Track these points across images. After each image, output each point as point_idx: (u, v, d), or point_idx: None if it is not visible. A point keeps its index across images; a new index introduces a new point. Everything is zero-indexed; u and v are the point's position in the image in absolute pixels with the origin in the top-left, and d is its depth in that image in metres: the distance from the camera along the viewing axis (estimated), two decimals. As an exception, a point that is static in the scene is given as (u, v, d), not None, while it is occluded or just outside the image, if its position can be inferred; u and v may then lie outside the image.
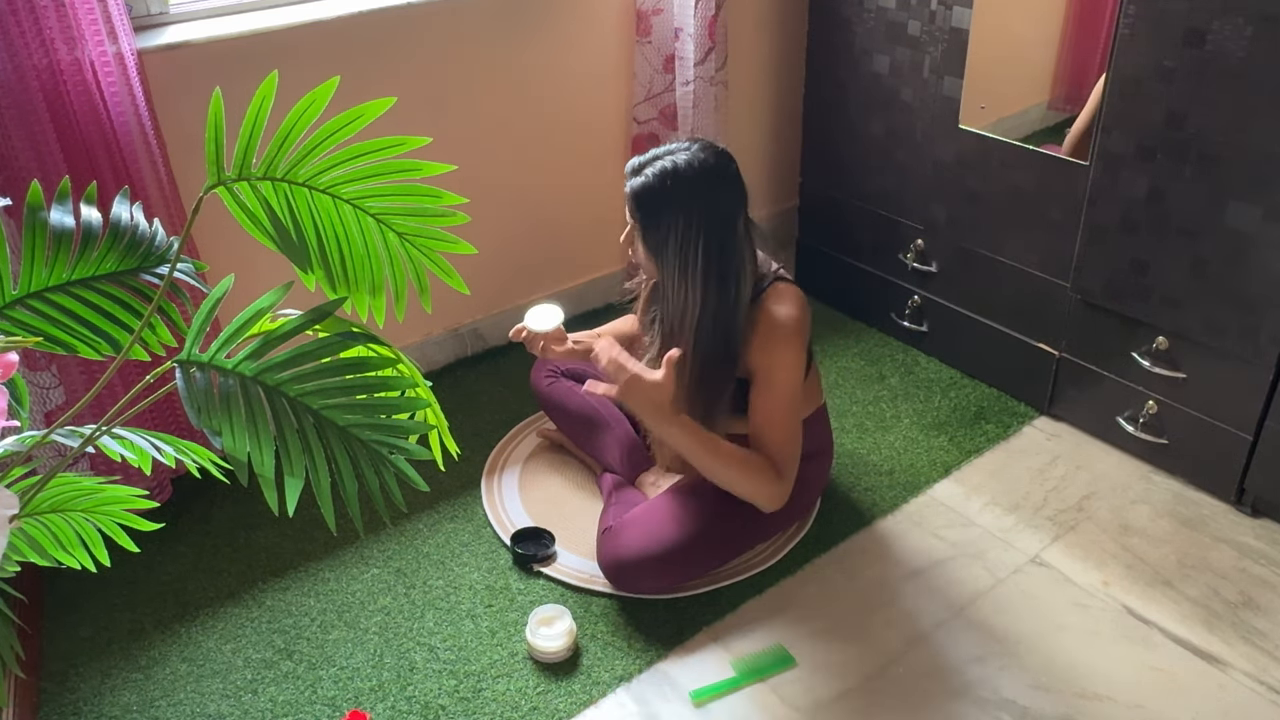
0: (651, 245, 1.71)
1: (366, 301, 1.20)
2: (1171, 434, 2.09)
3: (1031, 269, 2.24)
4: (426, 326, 2.52)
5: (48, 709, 1.68)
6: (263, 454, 1.01)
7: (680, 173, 1.67)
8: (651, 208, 1.68)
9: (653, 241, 1.70)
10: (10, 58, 1.63)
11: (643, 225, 1.70)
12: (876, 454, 2.23)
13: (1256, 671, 1.70)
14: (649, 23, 2.45)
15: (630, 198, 1.70)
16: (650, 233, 1.70)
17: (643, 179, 1.68)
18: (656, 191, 1.67)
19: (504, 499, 2.11)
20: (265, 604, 1.88)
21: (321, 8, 2.09)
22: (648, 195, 1.68)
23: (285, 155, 1.07)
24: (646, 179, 1.68)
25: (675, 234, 1.67)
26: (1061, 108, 2.33)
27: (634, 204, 1.70)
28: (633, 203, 1.70)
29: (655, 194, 1.67)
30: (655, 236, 1.69)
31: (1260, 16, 1.70)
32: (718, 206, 1.68)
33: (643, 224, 1.70)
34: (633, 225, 1.73)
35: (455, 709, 1.67)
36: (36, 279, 1.10)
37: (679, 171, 1.67)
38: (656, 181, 1.67)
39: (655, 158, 1.70)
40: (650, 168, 1.69)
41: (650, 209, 1.68)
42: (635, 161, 1.72)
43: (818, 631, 1.80)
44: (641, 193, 1.68)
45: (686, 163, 1.67)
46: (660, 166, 1.68)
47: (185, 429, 2.03)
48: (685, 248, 1.68)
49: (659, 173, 1.67)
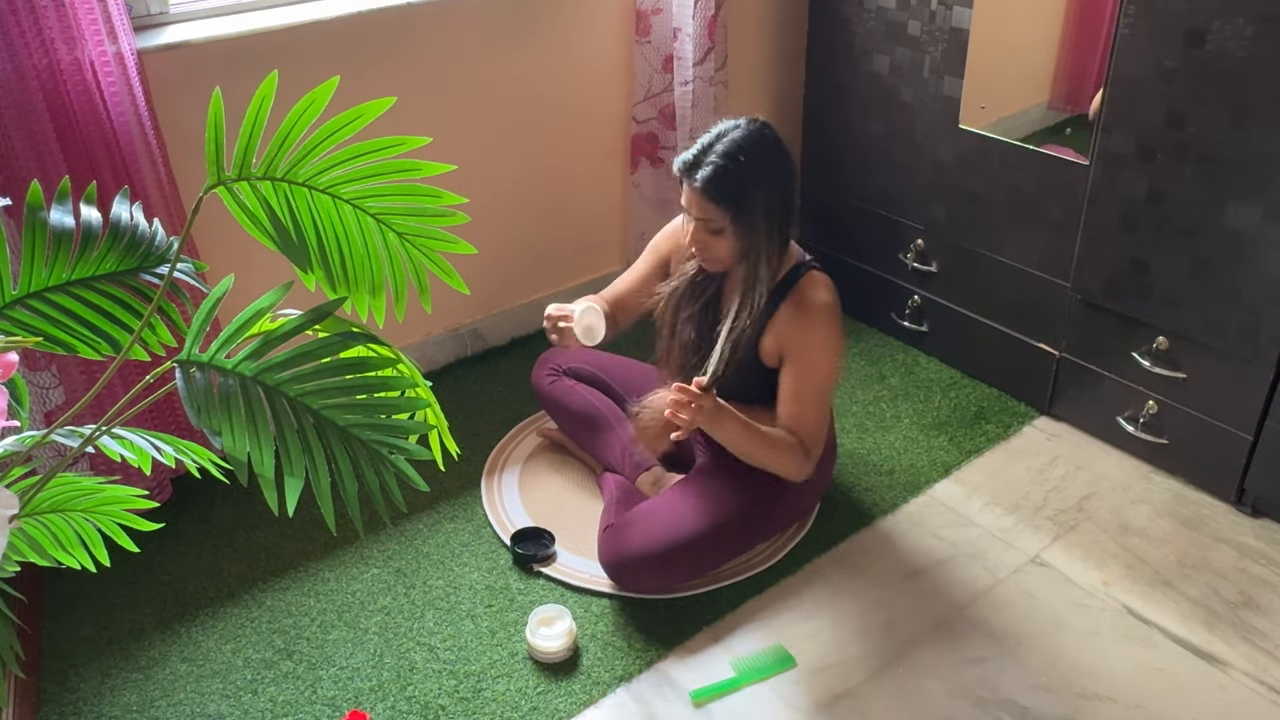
0: (745, 229, 1.67)
1: (366, 301, 1.20)
2: (1171, 434, 2.09)
3: (1031, 269, 2.24)
4: (426, 326, 2.52)
5: (48, 709, 1.68)
6: (263, 454, 1.01)
7: (745, 149, 1.64)
8: (738, 191, 1.65)
9: (746, 224, 1.67)
10: (10, 58, 1.63)
11: (734, 211, 1.65)
12: (876, 454, 2.23)
13: (1256, 671, 1.70)
14: (648, 22, 2.46)
15: (705, 189, 1.64)
16: (743, 216, 1.66)
17: (712, 167, 1.63)
18: (734, 173, 1.64)
19: (504, 499, 2.11)
20: (265, 604, 1.88)
21: (321, 8, 2.09)
22: (726, 179, 1.63)
23: (285, 155, 1.07)
24: (717, 165, 1.63)
25: (765, 210, 1.66)
26: (1061, 108, 2.33)
27: (715, 193, 1.64)
28: (713, 192, 1.64)
29: (734, 176, 1.64)
30: (748, 218, 1.66)
31: (1260, 16, 1.70)
32: (787, 172, 1.69)
33: (734, 210, 1.65)
34: (706, 220, 1.67)
35: (455, 709, 1.67)
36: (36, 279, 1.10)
37: (744, 147, 1.64)
38: (729, 162, 1.63)
39: (707, 144, 1.66)
40: (711, 154, 1.65)
41: (737, 193, 1.65)
42: (686, 156, 1.67)
43: (818, 631, 1.80)
44: (720, 178, 1.63)
45: (744, 137, 1.65)
46: (723, 149, 1.64)
47: (185, 429, 2.03)
48: (771, 222, 1.67)
49: (726, 155, 1.64)
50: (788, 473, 1.78)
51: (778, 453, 1.75)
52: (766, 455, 1.75)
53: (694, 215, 1.70)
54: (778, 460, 1.76)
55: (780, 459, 1.76)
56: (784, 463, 1.76)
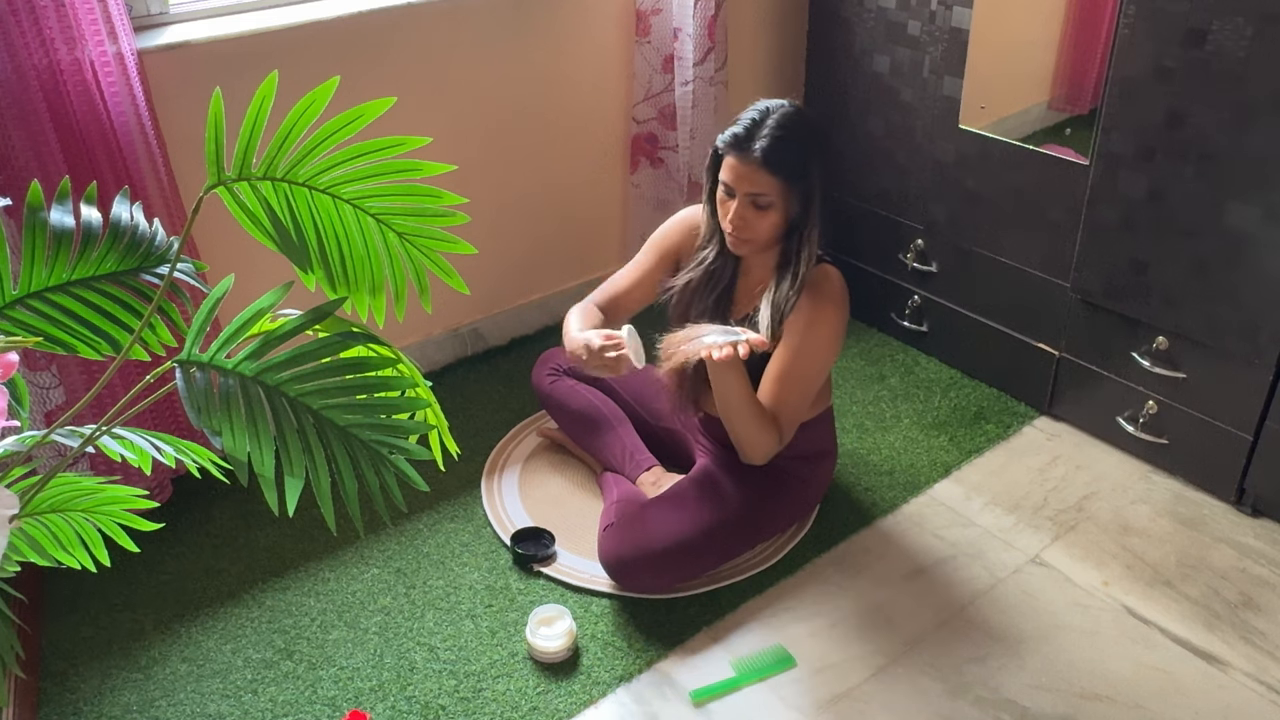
0: (799, 199, 1.71)
1: (366, 301, 1.20)
2: (1171, 434, 2.09)
3: (1031, 269, 2.24)
4: (426, 326, 2.52)
5: (48, 709, 1.68)
6: (263, 454, 1.01)
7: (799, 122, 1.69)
8: (795, 161, 1.68)
9: (800, 196, 1.71)
10: (10, 58, 1.63)
11: (790, 181, 1.68)
12: (876, 454, 2.23)
13: (1256, 671, 1.70)
14: (648, 23, 2.45)
15: (766, 161, 1.66)
16: (798, 187, 1.70)
17: (769, 138, 1.66)
18: (793, 146, 1.68)
19: (504, 499, 2.11)
20: (265, 604, 1.88)
21: (321, 8, 2.09)
22: (786, 150, 1.67)
23: (285, 155, 1.07)
24: (773, 137, 1.66)
25: (818, 178, 1.70)
26: (1062, 107, 2.33)
27: (777, 166, 1.67)
28: (774, 165, 1.66)
29: (792, 147, 1.68)
30: (803, 189, 1.70)
31: (1260, 16, 1.70)
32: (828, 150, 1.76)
33: (789, 181, 1.68)
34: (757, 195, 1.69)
35: (455, 709, 1.67)
36: (36, 279, 1.10)
37: (797, 122, 1.69)
38: (787, 134, 1.67)
39: (759, 121, 1.69)
40: (765, 129, 1.67)
41: (793, 163, 1.68)
42: (734, 132, 1.70)
43: (818, 631, 1.80)
44: (780, 150, 1.66)
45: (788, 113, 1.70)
46: (775, 122, 1.68)
47: (185, 429, 2.03)
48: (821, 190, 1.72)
49: (781, 127, 1.67)
50: (755, 449, 1.78)
51: (759, 425, 1.75)
52: (749, 424, 1.75)
53: (744, 190, 1.70)
54: (755, 434, 1.75)
55: (758, 433, 1.75)
56: (759, 438, 1.76)
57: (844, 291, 1.81)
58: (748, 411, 1.74)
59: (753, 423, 1.75)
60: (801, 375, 1.77)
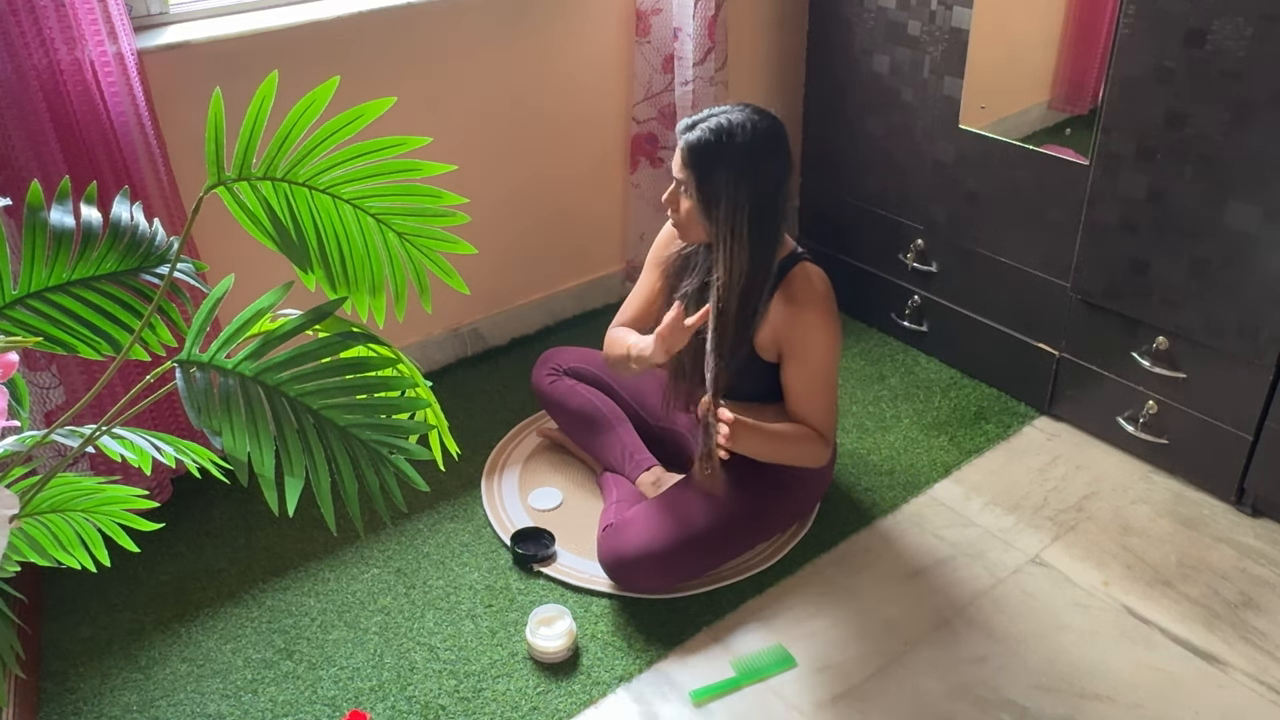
0: (703, 201, 1.71)
1: (366, 301, 1.20)
2: (1171, 434, 2.09)
3: (1031, 269, 2.24)
4: (426, 326, 2.52)
5: (48, 709, 1.68)
6: (263, 454, 1.01)
7: (735, 132, 1.67)
8: (707, 163, 1.68)
9: (705, 197, 1.70)
10: (10, 58, 1.63)
11: (697, 179, 1.69)
12: (876, 454, 2.23)
13: (1256, 671, 1.70)
14: (648, 23, 2.45)
15: (684, 151, 1.70)
16: (704, 187, 1.70)
17: (699, 134, 1.69)
18: (712, 147, 1.68)
19: (504, 499, 2.11)
20: (265, 604, 1.88)
21: (321, 8, 2.09)
22: (704, 149, 1.68)
23: (285, 155, 1.07)
24: (703, 134, 1.68)
25: (728, 192, 1.68)
26: (1062, 108, 2.33)
27: (689, 157, 1.69)
28: (687, 156, 1.69)
29: (711, 150, 1.68)
30: (708, 192, 1.70)
31: (1260, 16, 1.70)
32: (769, 170, 1.70)
33: (697, 178, 1.69)
34: (681, 181, 1.73)
35: (455, 709, 1.67)
36: (36, 279, 1.10)
37: (734, 130, 1.68)
38: (713, 136, 1.68)
39: (711, 114, 1.70)
40: (706, 124, 1.69)
41: (705, 164, 1.68)
42: (690, 119, 1.72)
43: (818, 631, 1.80)
44: (698, 146, 1.68)
45: (741, 123, 1.68)
46: (717, 123, 1.68)
47: (185, 429, 2.03)
48: (736, 208, 1.69)
49: (715, 129, 1.68)
50: (810, 463, 1.85)
51: (800, 447, 1.81)
52: (789, 454, 1.82)
53: (673, 172, 1.74)
54: (800, 455, 1.82)
55: (802, 453, 1.82)
56: (806, 455, 1.83)
57: (822, 288, 1.80)
58: (777, 447, 1.80)
59: (790, 449, 1.81)
60: (818, 380, 1.80)
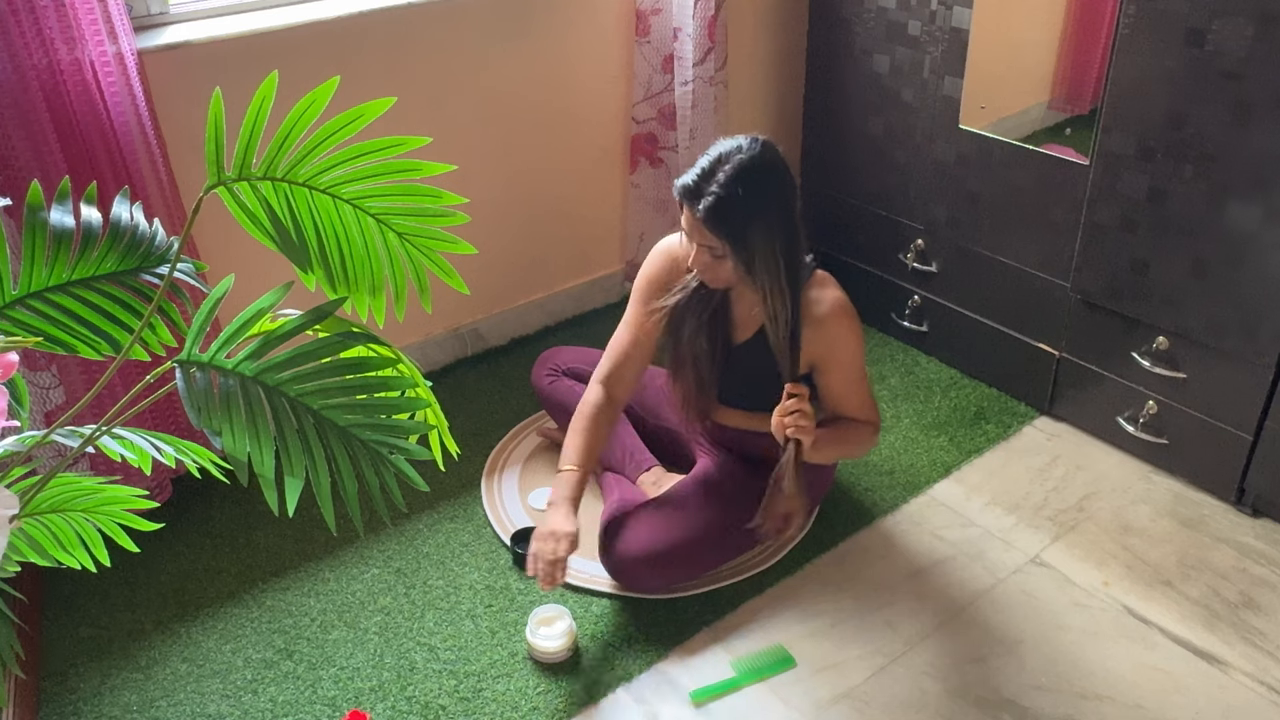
0: (744, 261, 1.63)
1: (366, 301, 1.20)
2: (1171, 434, 2.09)
3: (1031, 269, 2.24)
4: (426, 326, 2.52)
5: (48, 709, 1.68)
6: (263, 454, 1.01)
7: (746, 174, 1.59)
8: (736, 221, 1.60)
9: (745, 258, 1.63)
10: (10, 58, 1.63)
11: (732, 244, 1.61)
12: (876, 454, 2.23)
13: (1256, 671, 1.70)
14: (648, 23, 2.46)
15: (706, 219, 1.60)
16: (740, 250, 1.62)
17: (713, 197, 1.58)
18: (734, 205, 1.59)
19: (504, 499, 2.11)
20: (265, 604, 1.88)
21: (321, 8, 2.09)
22: (728, 209, 1.59)
23: (285, 155, 1.07)
24: (718, 195, 1.58)
25: (764, 241, 1.61)
26: (1061, 108, 2.33)
27: (714, 223, 1.60)
28: (712, 222, 1.60)
29: (734, 206, 1.59)
30: (746, 254, 1.62)
31: (1260, 16, 1.70)
32: (786, 200, 1.65)
33: (732, 242, 1.61)
34: (710, 247, 1.64)
35: (455, 709, 1.67)
36: (36, 279, 1.10)
37: (745, 174, 1.59)
38: (728, 193, 1.58)
39: (709, 172, 1.61)
40: (712, 184, 1.59)
41: (736, 226, 1.60)
42: (688, 181, 1.62)
43: (818, 631, 1.80)
44: (719, 209, 1.59)
45: (746, 163, 1.60)
46: (724, 178, 1.59)
47: (185, 429, 2.03)
48: (774, 253, 1.63)
49: (729, 182, 1.58)
50: (868, 447, 1.90)
51: (863, 441, 1.86)
52: (856, 451, 1.91)
53: (695, 241, 1.66)
54: (864, 447, 1.89)
55: (864, 445, 1.88)
56: (868, 444, 1.88)
57: (839, 294, 1.78)
58: (854, 449, 1.89)
59: (855, 446, 1.88)
60: (857, 377, 1.83)
